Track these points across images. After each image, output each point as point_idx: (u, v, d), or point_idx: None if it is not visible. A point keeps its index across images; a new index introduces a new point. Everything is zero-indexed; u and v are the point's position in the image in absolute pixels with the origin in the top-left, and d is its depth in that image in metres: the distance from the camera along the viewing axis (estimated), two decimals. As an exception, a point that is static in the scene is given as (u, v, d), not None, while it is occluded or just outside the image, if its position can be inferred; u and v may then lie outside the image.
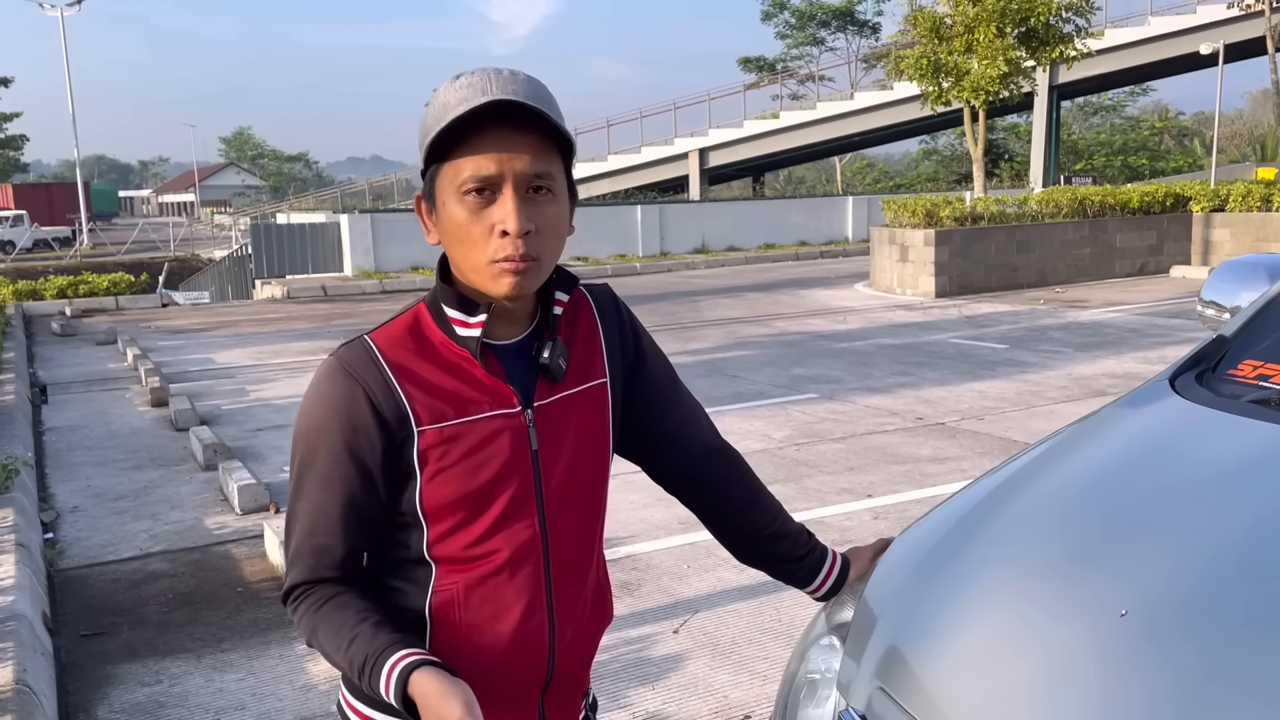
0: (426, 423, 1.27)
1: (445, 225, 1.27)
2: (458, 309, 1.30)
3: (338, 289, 19.32)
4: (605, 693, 3.51)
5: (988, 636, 1.39)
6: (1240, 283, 2.52)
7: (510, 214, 1.22)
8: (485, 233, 1.24)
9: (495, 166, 1.22)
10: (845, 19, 46.14)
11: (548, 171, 1.25)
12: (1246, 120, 60.31)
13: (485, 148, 1.22)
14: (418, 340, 1.31)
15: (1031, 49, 19.42)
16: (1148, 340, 10.49)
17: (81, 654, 4.01)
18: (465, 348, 1.30)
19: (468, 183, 1.23)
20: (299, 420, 1.33)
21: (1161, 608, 1.30)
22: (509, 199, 1.23)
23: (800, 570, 1.62)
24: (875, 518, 5.28)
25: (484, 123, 1.21)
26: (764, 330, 12.32)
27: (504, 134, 1.22)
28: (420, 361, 1.30)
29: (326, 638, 1.29)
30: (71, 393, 9.74)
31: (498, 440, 1.30)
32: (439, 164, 1.26)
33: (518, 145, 1.22)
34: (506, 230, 1.22)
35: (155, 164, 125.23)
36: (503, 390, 1.31)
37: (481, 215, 1.24)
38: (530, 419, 1.32)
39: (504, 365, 1.32)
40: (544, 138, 1.24)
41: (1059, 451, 1.88)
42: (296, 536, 1.33)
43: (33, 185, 64.17)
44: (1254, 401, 1.80)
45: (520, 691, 1.36)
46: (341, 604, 1.31)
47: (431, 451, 1.28)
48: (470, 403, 1.30)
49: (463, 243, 1.26)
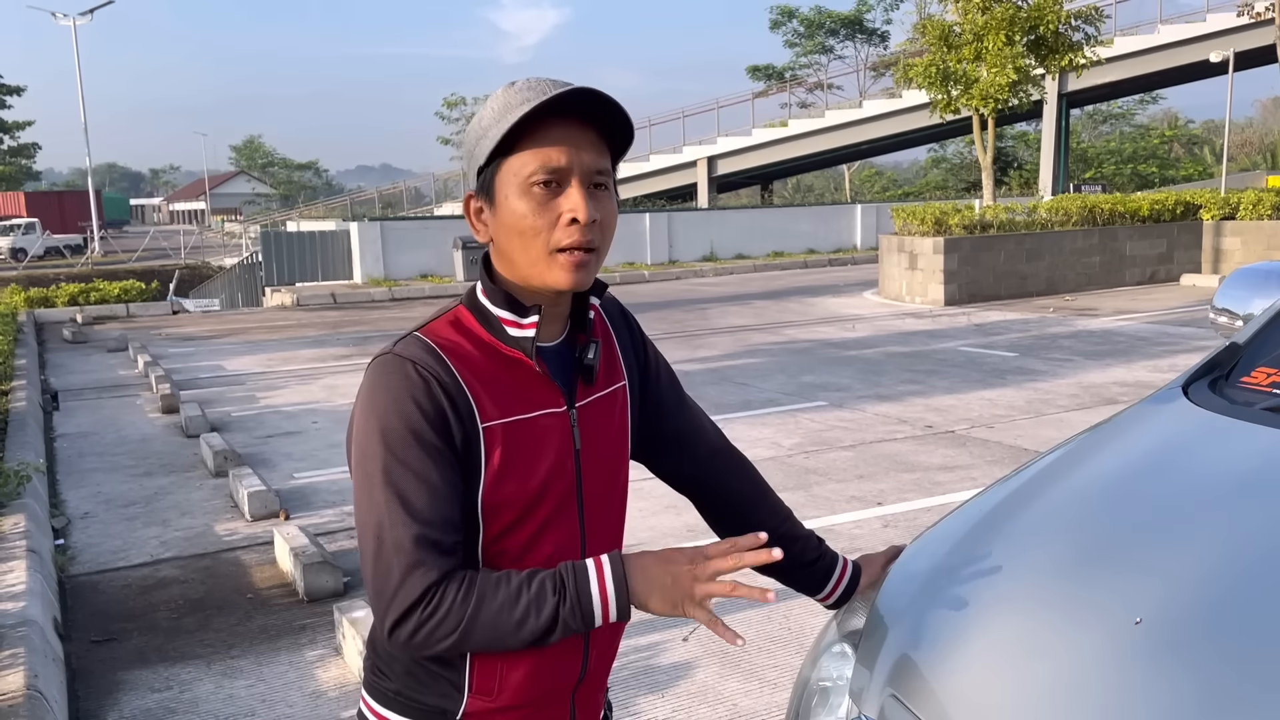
0: (492, 418, 1.28)
1: (506, 218, 1.28)
2: (507, 309, 1.31)
3: (347, 296, 19.36)
4: (615, 701, 3.50)
5: (1001, 644, 1.39)
6: (1253, 290, 2.51)
7: (580, 203, 1.25)
8: (551, 223, 1.26)
9: (565, 158, 1.25)
10: (854, 27, 46.20)
11: (606, 168, 1.28)
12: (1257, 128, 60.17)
13: (554, 140, 1.24)
14: (469, 338, 1.32)
15: (1041, 57, 19.43)
16: (1158, 348, 10.45)
17: (92, 660, 4.02)
18: (518, 349, 1.31)
19: (538, 173, 1.25)
20: (370, 421, 1.25)
21: (1176, 615, 1.29)
22: (576, 189, 1.25)
23: (810, 576, 1.62)
24: (885, 526, 5.27)
25: (550, 118, 1.24)
26: (773, 338, 12.31)
27: (570, 129, 1.25)
28: (478, 358, 1.30)
29: (496, 601, 1.20)
30: (83, 399, 9.77)
31: (549, 439, 1.31)
32: (501, 159, 1.27)
33: (583, 140, 1.26)
34: (577, 218, 1.25)
35: (166, 172, 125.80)
36: (554, 389, 1.33)
37: (549, 205, 1.26)
38: (574, 419, 1.34)
39: (549, 367, 1.34)
40: (601, 136, 1.28)
41: (1072, 458, 1.88)
42: (408, 535, 1.20)
43: (45, 193, 64.59)
44: (1267, 409, 1.79)
45: (558, 689, 1.38)
46: (485, 573, 1.24)
47: (496, 447, 1.28)
48: (527, 401, 1.31)
49: (525, 234, 1.26)
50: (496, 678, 1.32)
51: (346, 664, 3.86)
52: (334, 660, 3.91)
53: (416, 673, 1.34)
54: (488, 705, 1.34)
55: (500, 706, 1.34)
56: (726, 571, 1.20)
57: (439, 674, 1.33)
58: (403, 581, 1.20)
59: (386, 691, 1.37)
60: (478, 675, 1.32)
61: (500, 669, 1.32)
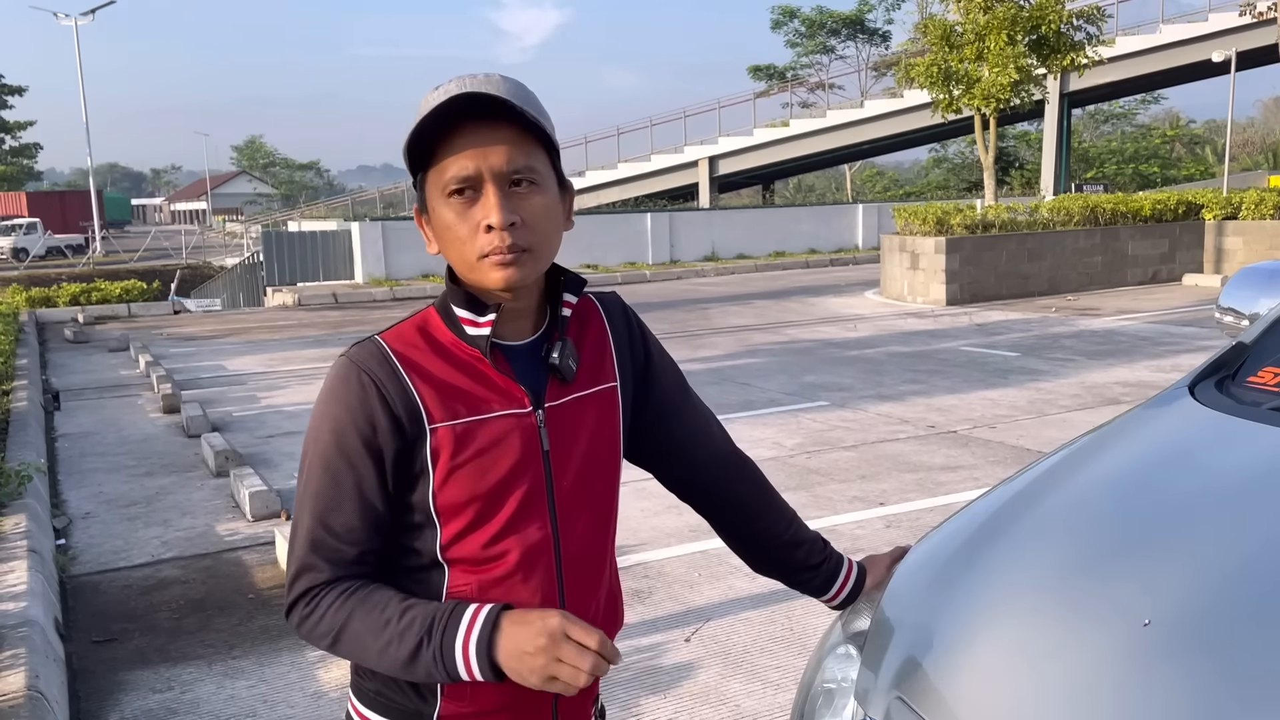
0: (439, 420, 1.27)
1: (438, 228, 1.29)
2: (467, 308, 1.31)
3: (349, 296, 19.36)
4: (617, 701, 3.50)
5: (1007, 646, 1.38)
6: (1259, 289, 2.50)
7: (493, 208, 1.23)
8: (472, 231, 1.25)
9: (473, 164, 1.23)
10: (855, 27, 46.18)
11: (528, 165, 1.25)
12: (1259, 128, 60.13)
13: (462, 147, 1.23)
14: (428, 340, 1.32)
15: (1042, 56, 19.41)
16: (1160, 348, 10.43)
17: (93, 660, 4.01)
18: (475, 347, 1.31)
19: (450, 184, 1.24)
20: (312, 421, 1.31)
21: (1184, 617, 1.28)
22: (490, 195, 1.24)
23: (816, 579, 1.61)
24: (888, 526, 5.26)
25: (460, 123, 1.23)
26: (774, 338, 12.30)
27: (479, 131, 1.23)
28: (432, 360, 1.30)
29: (365, 622, 1.24)
30: (84, 399, 9.77)
31: (509, 439, 1.30)
32: (424, 171, 1.28)
33: (493, 140, 1.23)
34: (491, 225, 1.24)
35: (168, 172, 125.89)
36: (514, 390, 1.31)
37: (467, 215, 1.25)
38: (541, 419, 1.32)
39: (514, 366, 1.33)
40: (521, 132, 1.25)
41: (1078, 459, 1.86)
42: (308, 537, 1.28)
43: (46, 193, 64.58)
44: (1274, 409, 1.77)
45: (535, 695, 1.34)
46: (377, 591, 1.27)
47: (444, 449, 1.27)
48: (482, 401, 1.30)
49: (453, 244, 1.27)
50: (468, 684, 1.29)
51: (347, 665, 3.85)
52: (335, 661, 3.90)
53: None
54: (462, 709, 1.32)
55: (476, 711, 1.32)
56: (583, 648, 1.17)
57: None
58: (295, 577, 1.29)
59: (368, 691, 1.37)
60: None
61: None
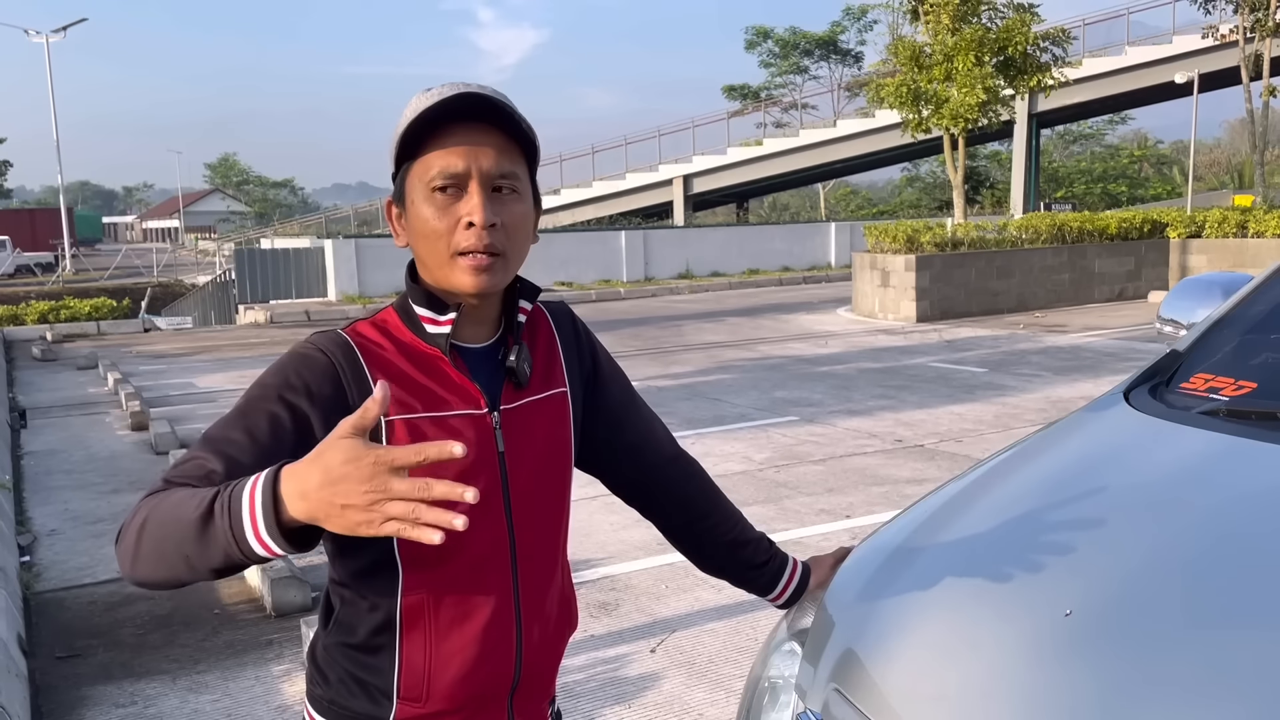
0: (395, 414, 1.29)
1: (414, 222, 1.32)
2: (427, 307, 1.34)
3: (321, 314, 19.29)
4: (580, 712, 3.52)
5: (939, 637, 1.43)
6: (1197, 300, 2.59)
7: (477, 206, 1.27)
8: (451, 226, 1.28)
9: (462, 162, 1.27)
10: (828, 48, 46.69)
11: (513, 172, 1.30)
12: (1225, 149, 61.10)
13: (453, 144, 1.27)
14: (388, 337, 1.35)
15: (1010, 77, 19.73)
16: (1124, 364, 10.59)
17: (56, 676, 3.99)
18: (434, 345, 1.34)
19: (436, 179, 1.28)
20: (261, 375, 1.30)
21: (1104, 607, 1.34)
22: (475, 193, 1.28)
23: (761, 578, 1.66)
24: (853, 538, 5.31)
25: (452, 122, 1.27)
26: (746, 354, 12.38)
27: (471, 132, 1.28)
28: (392, 354, 1.33)
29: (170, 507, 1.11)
30: (51, 417, 9.69)
31: (465, 439, 1.31)
32: (409, 163, 1.31)
33: (484, 142, 1.28)
34: (473, 221, 1.27)
35: (140, 190, 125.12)
36: (470, 390, 1.34)
37: (449, 210, 1.28)
38: (497, 421, 1.35)
39: (471, 368, 1.36)
40: (509, 140, 1.30)
41: (1015, 461, 1.93)
42: (188, 459, 1.20)
43: (15, 211, 64.02)
44: (1204, 413, 1.84)
45: (491, 693, 1.38)
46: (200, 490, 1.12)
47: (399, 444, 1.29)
48: (439, 400, 1.32)
49: (428, 237, 1.30)
50: (423, 683, 1.32)
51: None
52: (300, 675, 3.90)
53: (347, 681, 1.35)
54: (418, 711, 1.33)
55: (431, 713, 1.34)
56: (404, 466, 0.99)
57: (366, 680, 1.34)
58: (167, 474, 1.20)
59: (322, 699, 1.39)
60: (404, 681, 1.32)
61: (427, 673, 1.32)
